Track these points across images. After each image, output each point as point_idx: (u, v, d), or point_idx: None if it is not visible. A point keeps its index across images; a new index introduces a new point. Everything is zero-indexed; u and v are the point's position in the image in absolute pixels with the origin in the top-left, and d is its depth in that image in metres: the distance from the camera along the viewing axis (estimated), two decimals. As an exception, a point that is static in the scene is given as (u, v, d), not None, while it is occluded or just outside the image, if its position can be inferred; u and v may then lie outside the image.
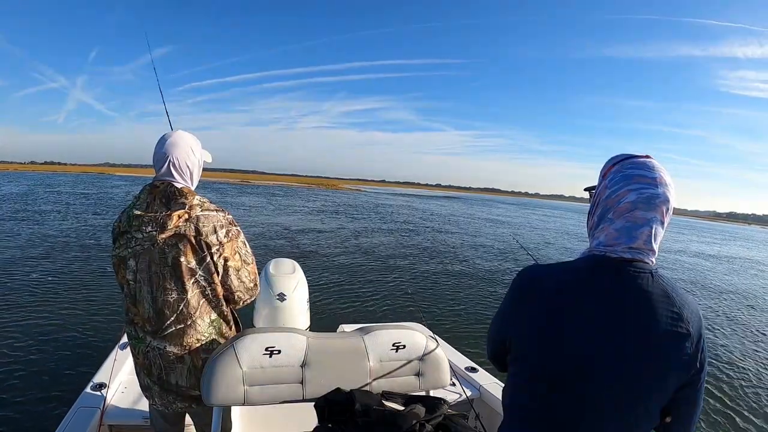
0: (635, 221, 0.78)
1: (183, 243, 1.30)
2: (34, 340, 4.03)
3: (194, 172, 1.42)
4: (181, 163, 1.36)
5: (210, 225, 1.33)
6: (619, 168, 0.82)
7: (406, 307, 5.96)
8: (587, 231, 0.90)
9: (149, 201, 1.32)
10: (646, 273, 0.77)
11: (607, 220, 0.81)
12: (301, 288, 2.46)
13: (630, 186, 0.79)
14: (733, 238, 36.43)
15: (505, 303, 0.90)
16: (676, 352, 0.76)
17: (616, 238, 0.79)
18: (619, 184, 0.80)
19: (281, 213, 19.19)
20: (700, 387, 0.81)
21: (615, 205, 0.80)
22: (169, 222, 1.28)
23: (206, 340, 1.38)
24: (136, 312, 1.35)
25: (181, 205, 1.30)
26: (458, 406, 1.97)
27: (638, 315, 0.75)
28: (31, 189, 24.56)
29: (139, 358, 1.38)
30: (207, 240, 1.32)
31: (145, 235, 1.30)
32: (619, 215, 0.79)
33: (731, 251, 22.02)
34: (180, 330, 1.33)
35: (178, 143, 1.37)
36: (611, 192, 0.81)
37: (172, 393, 1.38)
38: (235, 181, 70.32)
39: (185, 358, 1.35)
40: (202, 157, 1.46)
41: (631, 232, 0.78)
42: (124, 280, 1.35)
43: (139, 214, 1.31)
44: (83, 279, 6.27)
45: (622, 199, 0.79)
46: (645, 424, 0.79)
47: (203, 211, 1.33)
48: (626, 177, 0.80)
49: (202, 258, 1.33)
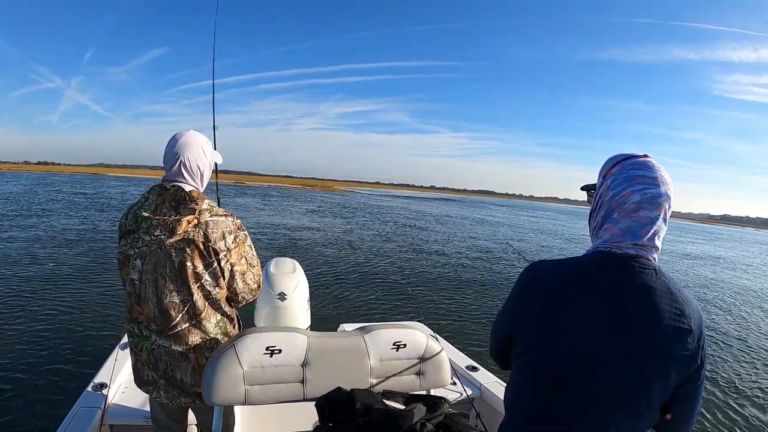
0: (640, 220, 0.80)
1: (191, 248, 1.30)
2: (34, 340, 4.01)
3: (205, 174, 1.40)
4: (192, 164, 1.34)
5: (219, 231, 1.32)
6: (620, 169, 0.84)
7: (407, 306, 5.96)
8: (590, 231, 0.91)
9: (158, 203, 1.31)
10: (650, 269, 0.79)
11: (612, 220, 0.83)
12: (302, 287, 2.46)
13: (633, 187, 0.81)
14: (738, 241, 36.65)
15: (510, 299, 0.91)
16: (679, 348, 0.77)
17: (621, 237, 0.81)
18: (623, 185, 0.82)
19: (279, 213, 19.15)
20: (700, 383, 0.82)
21: (620, 205, 0.82)
22: (178, 227, 1.27)
23: (211, 340, 1.38)
24: (140, 311, 1.34)
25: (191, 210, 1.29)
26: (459, 405, 1.98)
27: (642, 311, 0.76)
28: (27, 189, 24.35)
29: (143, 355, 1.38)
30: (215, 246, 1.31)
31: (153, 238, 1.29)
32: (625, 215, 0.81)
33: (722, 253, 22.18)
34: (185, 330, 1.34)
35: (190, 143, 1.35)
36: (615, 193, 0.83)
37: (177, 388, 1.39)
38: (229, 182, 70.04)
39: (190, 357, 1.36)
40: (213, 159, 1.44)
41: (636, 231, 0.80)
42: (128, 277, 1.34)
43: (147, 216, 1.30)
44: (84, 279, 6.22)
45: (626, 200, 0.81)
46: (646, 420, 0.80)
47: (212, 217, 1.32)
48: (629, 178, 0.82)
49: (209, 263, 1.33)
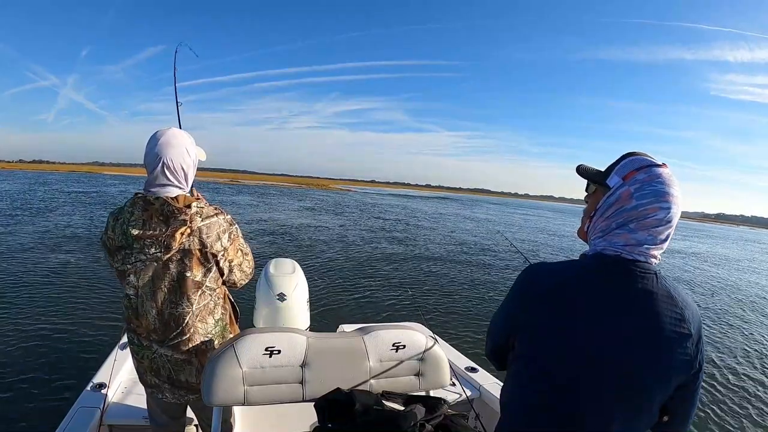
0: (657, 235, 0.80)
1: (188, 258, 1.28)
2: (34, 340, 3.99)
3: (189, 174, 1.34)
4: (176, 164, 1.28)
5: (213, 234, 1.30)
6: (647, 179, 0.80)
7: (406, 306, 5.96)
8: (588, 227, 0.88)
9: (145, 219, 1.25)
10: (651, 274, 0.79)
11: (628, 229, 0.81)
12: (301, 288, 2.45)
13: (661, 204, 0.79)
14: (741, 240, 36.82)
15: (509, 300, 0.90)
16: (679, 352, 0.77)
17: (636, 246, 0.80)
18: (650, 198, 0.79)
19: (277, 212, 19.09)
20: (697, 386, 0.82)
21: (641, 218, 0.79)
22: (173, 242, 1.24)
23: (212, 341, 1.39)
24: (138, 324, 1.33)
25: (182, 222, 1.24)
26: (458, 406, 1.98)
27: (643, 315, 0.77)
28: (23, 187, 24.16)
29: (145, 362, 1.38)
30: (212, 251, 1.30)
31: (148, 256, 1.26)
32: (643, 228, 0.80)
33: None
34: (187, 339, 1.35)
35: (171, 143, 1.28)
36: (639, 204, 0.80)
37: (183, 388, 1.40)
38: (224, 180, 69.77)
39: (193, 361, 1.38)
40: (197, 157, 1.39)
41: (650, 243, 0.80)
42: (124, 292, 1.32)
43: (137, 234, 1.24)
44: (84, 279, 6.19)
45: (650, 215, 0.79)
46: (645, 421, 0.80)
47: (204, 221, 1.29)
48: (658, 193, 0.79)
49: (209, 269, 1.33)
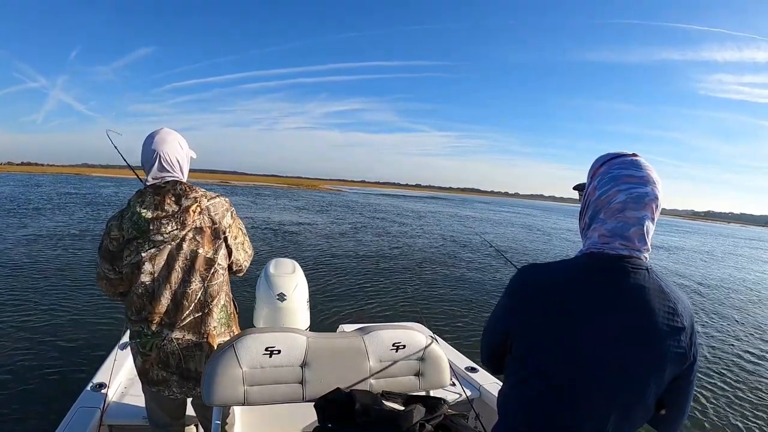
0: (627, 221, 0.79)
1: (200, 235, 1.37)
2: (34, 340, 3.96)
3: (184, 167, 1.46)
4: (171, 157, 1.40)
5: (220, 211, 1.41)
6: (607, 168, 0.83)
7: (406, 307, 5.95)
8: (580, 231, 0.90)
9: (158, 202, 1.34)
10: (642, 269, 0.79)
11: (599, 221, 0.82)
12: (301, 288, 2.45)
13: (619, 186, 0.80)
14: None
15: (503, 303, 0.90)
16: (673, 346, 0.78)
17: (610, 238, 0.80)
18: (609, 184, 0.81)
19: (273, 212, 18.99)
20: (692, 379, 0.83)
21: (606, 205, 0.81)
22: (188, 218, 1.34)
23: (219, 325, 1.43)
24: (151, 309, 1.35)
25: (193, 200, 1.37)
26: (458, 406, 1.97)
27: (636, 310, 0.77)
28: (15, 190, 23.83)
29: (152, 354, 1.37)
30: (221, 227, 1.41)
31: (165, 235, 1.33)
32: (611, 215, 0.80)
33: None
34: (198, 318, 1.39)
35: (165, 139, 1.41)
36: (601, 193, 0.82)
37: (192, 380, 1.41)
38: (214, 181, 69.27)
39: (203, 345, 1.40)
40: (189, 153, 1.50)
41: (623, 231, 0.79)
42: (138, 281, 1.34)
43: (152, 216, 1.32)
44: (83, 278, 6.10)
45: (612, 199, 0.80)
46: (642, 416, 0.81)
47: (210, 200, 1.40)
48: (615, 177, 0.81)
49: (219, 246, 1.41)
